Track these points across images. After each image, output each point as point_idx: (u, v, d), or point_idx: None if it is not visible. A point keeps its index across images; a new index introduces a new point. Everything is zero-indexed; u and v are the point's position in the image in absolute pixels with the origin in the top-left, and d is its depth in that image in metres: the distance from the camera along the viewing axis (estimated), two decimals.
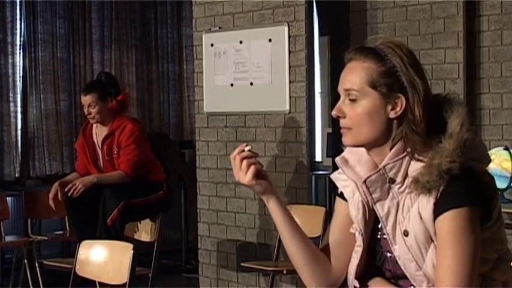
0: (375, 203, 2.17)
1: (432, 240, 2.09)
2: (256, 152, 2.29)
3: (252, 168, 2.24)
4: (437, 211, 2.05)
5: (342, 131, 2.20)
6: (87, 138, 5.72)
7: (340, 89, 2.19)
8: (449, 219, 2.04)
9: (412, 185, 2.08)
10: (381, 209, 2.17)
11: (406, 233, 2.12)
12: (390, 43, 2.15)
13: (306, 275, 2.32)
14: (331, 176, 2.33)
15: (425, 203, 2.07)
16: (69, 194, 5.40)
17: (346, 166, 2.24)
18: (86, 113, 5.67)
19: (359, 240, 2.23)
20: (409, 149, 2.12)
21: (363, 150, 2.22)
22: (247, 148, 2.27)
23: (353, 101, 2.15)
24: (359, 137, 2.16)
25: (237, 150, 2.28)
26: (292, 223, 2.32)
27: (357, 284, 2.25)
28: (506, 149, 5.18)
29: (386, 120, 2.13)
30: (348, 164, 2.24)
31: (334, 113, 2.19)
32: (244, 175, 2.25)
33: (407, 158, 2.12)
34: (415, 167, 2.10)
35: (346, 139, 2.19)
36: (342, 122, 2.18)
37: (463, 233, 2.03)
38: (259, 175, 2.26)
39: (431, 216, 2.06)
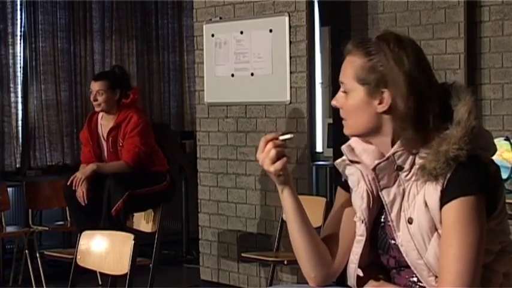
0: (381, 190, 2.18)
1: (436, 230, 2.10)
2: (287, 146, 2.30)
3: (284, 159, 2.25)
4: (445, 199, 2.06)
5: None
6: (91, 131, 5.70)
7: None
8: (456, 207, 2.05)
9: (419, 172, 2.10)
10: (386, 196, 2.18)
11: (410, 221, 2.13)
12: (380, 37, 2.17)
13: (307, 265, 2.33)
14: (335, 162, 2.34)
15: (432, 191, 2.08)
16: (73, 187, 5.41)
17: (352, 154, 2.26)
18: (92, 99, 5.63)
19: (361, 230, 2.24)
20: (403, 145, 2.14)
21: None
22: (285, 137, 2.28)
23: (345, 93, 2.20)
24: (352, 127, 2.21)
25: (271, 136, 2.28)
26: (302, 214, 2.34)
27: (360, 272, 2.26)
28: (507, 139, 5.18)
29: (374, 114, 2.16)
30: (354, 152, 2.26)
31: (333, 102, 2.26)
32: (270, 163, 2.24)
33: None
34: (423, 155, 2.11)
35: (344, 129, 2.25)
36: (340, 112, 2.25)
37: (469, 222, 2.04)
38: (284, 166, 2.28)
39: (438, 204, 2.07)
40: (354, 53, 2.18)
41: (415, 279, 2.20)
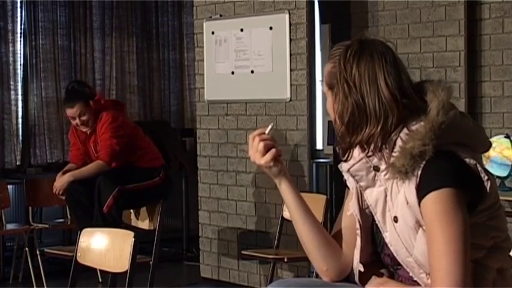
0: (364, 190, 2.20)
1: (421, 226, 2.10)
2: (275, 139, 2.36)
3: (273, 151, 2.30)
4: (420, 195, 2.07)
5: None
6: (78, 131, 5.75)
7: None
8: (431, 201, 2.04)
9: (390, 170, 2.11)
10: (369, 196, 2.20)
11: (395, 219, 2.14)
12: (348, 44, 2.22)
13: (318, 258, 2.35)
14: (339, 166, 2.36)
15: (409, 188, 2.09)
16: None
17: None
18: (74, 124, 5.70)
19: (357, 224, 2.27)
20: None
21: None
22: (269, 128, 2.33)
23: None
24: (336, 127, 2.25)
25: (257, 132, 2.33)
26: (304, 206, 2.37)
27: (361, 267, 2.27)
28: (507, 137, 5.18)
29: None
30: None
31: None
32: (260, 156, 2.30)
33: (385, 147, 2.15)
34: (395, 154, 2.12)
35: None
36: None
37: (447, 215, 2.02)
38: (276, 158, 2.32)
39: (416, 202, 2.08)
40: (329, 59, 2.26)
41: (411, 274, 2.21)
